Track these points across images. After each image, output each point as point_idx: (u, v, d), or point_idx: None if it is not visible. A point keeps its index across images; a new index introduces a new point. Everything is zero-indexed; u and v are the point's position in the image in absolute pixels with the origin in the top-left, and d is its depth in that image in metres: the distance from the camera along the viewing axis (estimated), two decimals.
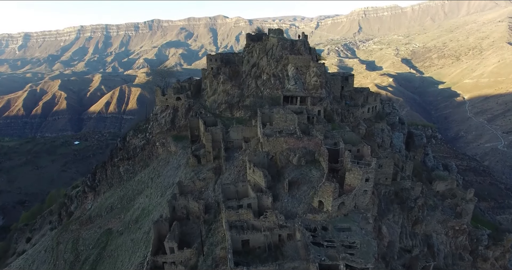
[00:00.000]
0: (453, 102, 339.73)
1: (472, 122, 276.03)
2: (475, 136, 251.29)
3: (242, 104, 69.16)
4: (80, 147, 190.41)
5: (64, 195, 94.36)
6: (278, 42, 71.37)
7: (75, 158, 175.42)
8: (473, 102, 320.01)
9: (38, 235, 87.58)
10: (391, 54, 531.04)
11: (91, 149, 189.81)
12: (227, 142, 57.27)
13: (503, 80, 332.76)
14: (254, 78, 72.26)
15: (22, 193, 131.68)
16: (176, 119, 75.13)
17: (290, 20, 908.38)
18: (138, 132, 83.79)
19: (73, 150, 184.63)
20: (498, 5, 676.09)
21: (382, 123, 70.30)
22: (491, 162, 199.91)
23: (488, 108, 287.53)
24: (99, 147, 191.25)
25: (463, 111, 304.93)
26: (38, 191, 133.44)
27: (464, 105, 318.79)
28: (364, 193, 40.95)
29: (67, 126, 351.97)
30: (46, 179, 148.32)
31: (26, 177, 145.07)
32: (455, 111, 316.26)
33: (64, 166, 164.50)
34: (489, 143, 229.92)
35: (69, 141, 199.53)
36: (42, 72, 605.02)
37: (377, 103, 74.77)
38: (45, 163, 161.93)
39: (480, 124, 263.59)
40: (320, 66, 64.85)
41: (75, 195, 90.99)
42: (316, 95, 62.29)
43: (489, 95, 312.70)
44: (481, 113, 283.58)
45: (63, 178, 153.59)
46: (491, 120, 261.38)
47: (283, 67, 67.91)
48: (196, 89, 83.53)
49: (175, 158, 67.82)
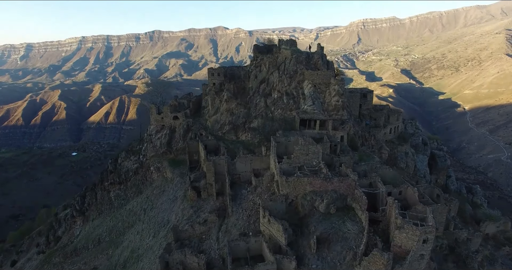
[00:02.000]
0: (454, 112, 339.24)
1: (473, 133, 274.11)
2: (477, 147, 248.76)
3: (249, 126, 60.85)
4: (78, 159, 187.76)
5: (54, 215, 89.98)
6: (292, 55, 63.22)
7: (72, 169, 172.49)
8: (474, 112, 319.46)
9: (24, 258, 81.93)
10: (391, 65, 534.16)
11: (89, 160, 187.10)
12: (233, 174, 48.04)
13: (503, 91, 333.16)
14: (263, 96, 64.39)
15: (16, 207, 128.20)
16: (173, 141, 67.62)
17: (290, 31, 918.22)
18: (130, 154, 76.44)
19: (71, 162, 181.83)
20: (494, 18, 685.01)
21: (406, 145, 63.64)
22: (495, 174, 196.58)
23: (489, 119, 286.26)
24: (97, 159, 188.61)
25: (464, 122, 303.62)
26: (33, 204, 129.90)
27: (465, 116, 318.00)
28: (421, 258, 31.04)
29: (66, 136, 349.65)
30: (41, 191, 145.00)
31: (21, 190, 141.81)
32: (456, 121, 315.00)
33: (60, 178, 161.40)
34: (492, 154, 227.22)
35: (66, 152, 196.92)
36: (43, 82, 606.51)
37: (399, 123, 67.65)
38: (41, 175, 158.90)
39: (482, 135, 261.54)
40: (342, 83, 57.63)
41: (64, 217, 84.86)
42: (337, 117, 54.84)
43: (490, 106, 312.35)
44: (482, 124, 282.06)
45: (59, 191, 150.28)
46: (493, 131, 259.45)
47: (298, 84, 60.07)
48: (196, 107, 76.06)
49: (171, 187, 60.48)
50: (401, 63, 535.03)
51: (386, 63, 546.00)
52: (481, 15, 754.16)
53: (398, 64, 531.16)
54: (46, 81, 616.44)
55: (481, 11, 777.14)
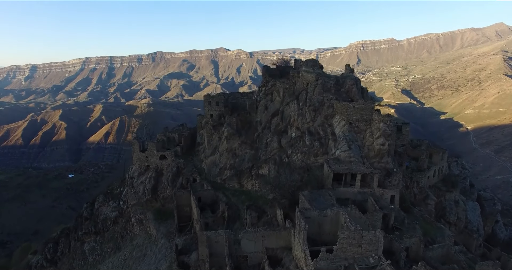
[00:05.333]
0: (456, 132, 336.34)
1: (478, 153, 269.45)
2: (483, 168, 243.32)
3: (257, 172, 48.12)
4: (74, 180, 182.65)
5: (34, 253, 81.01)
6: (317, 79, 49.35)
7: (67, 192, 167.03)
8: (477, 132, 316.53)
9: None
10: (391, 85, 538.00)
11: (86, 182, 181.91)
12: (237, 256, 34.09)
13: (505, 111, 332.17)
14: (276, 133, 50.72)
15: (4, 233, 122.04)
16: (160, 186, 55.65)
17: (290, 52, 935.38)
18: (109, 198, 65.03)
19: (66, 184, 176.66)
20: (490, 40, 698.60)
21: (455, 192, 51.79)
22: (504, 196, 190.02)
23: (494, 139, 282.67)
24: (94, 180, 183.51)
25: (468, 142, 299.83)
26: (23, 230, 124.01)
27: (469, 136, 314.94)
28: None
29: (65, 157, 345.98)
30: (34, 216, 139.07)
31: (12, 214, 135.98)
32: (459, 142, 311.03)
33: (55, 201, 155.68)
34: (499, 176, 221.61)
35: (63, 173, 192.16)
36: (45, 102, 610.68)
37: (444, 163, 54.88)
38: (35, 198, 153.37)
39: (487, 155, 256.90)
40: (390, 120, 43.58)
41: (35, 265, 72.84)
42: (380, 165, 41.97)
43: (493, 126, 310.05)
44: (487, 144, 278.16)
45: (52, 215, 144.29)
46: (499, 151, 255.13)
47: (326, 119, 46.63)
48: (189, 143, 62.44)
49: (154, 251, 49.82)
50: (401, 83, 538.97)
51: (386, 84, 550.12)
52: (477, 37, 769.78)
53: (398, 84, 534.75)
54: (48, 101, 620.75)
55: (476, 33, 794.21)
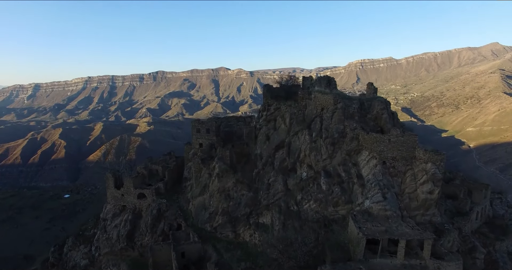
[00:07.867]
0: (459, 150, 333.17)
1: (482, 171, 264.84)
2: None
3: (257, 221, 37.56)
4: (70, 201, 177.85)
5: None
6: (336, 102, 37.62)
7: (62, 213, 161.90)
8: (479, 150, 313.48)
9: None
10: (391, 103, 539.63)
11: (82, 203, 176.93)
12: None
13: (507, 128, 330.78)
14: (280, 172, 39.18)
15: None
16: (137, 232, 45.46)
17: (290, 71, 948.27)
18: (80, 241, 55.09)
19: (62, 204, 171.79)
20: (486, 59, 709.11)
21: (508, 240, 40.34)
22: None
23: (497, 157, 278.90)
24: (91, 201, 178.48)
25: (471, 160, 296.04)
26: (13, 254, 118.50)
27: (471, 154, 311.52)
28: None
29: (64, 176, 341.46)
30: (26, 239, 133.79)
31: (3, 238, 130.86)
32: (462, 160, 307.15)
33: (48, 223, 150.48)
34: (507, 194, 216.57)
35: (58, 194, 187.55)
36: (46, 120, 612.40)
37: (487, 201, 44.03)
38: (27, 220, 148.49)
39: (492, 173, 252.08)
40: (441, 159, 30.77)
41: None
42: (423, 219, 30.00)
43: (496, 144, 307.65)
44: (491, 162, 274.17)
45: (45, 237, 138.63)
46: (504, 169, 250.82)
47: (349, 156, 35.06)
48: (176, 177, 50.73)
49: None
50: (401, 101, 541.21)
51: None
52: (473, 56, 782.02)
53: (398, 102, 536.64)
54: (50, 120, 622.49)
55: (472, 52, 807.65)
